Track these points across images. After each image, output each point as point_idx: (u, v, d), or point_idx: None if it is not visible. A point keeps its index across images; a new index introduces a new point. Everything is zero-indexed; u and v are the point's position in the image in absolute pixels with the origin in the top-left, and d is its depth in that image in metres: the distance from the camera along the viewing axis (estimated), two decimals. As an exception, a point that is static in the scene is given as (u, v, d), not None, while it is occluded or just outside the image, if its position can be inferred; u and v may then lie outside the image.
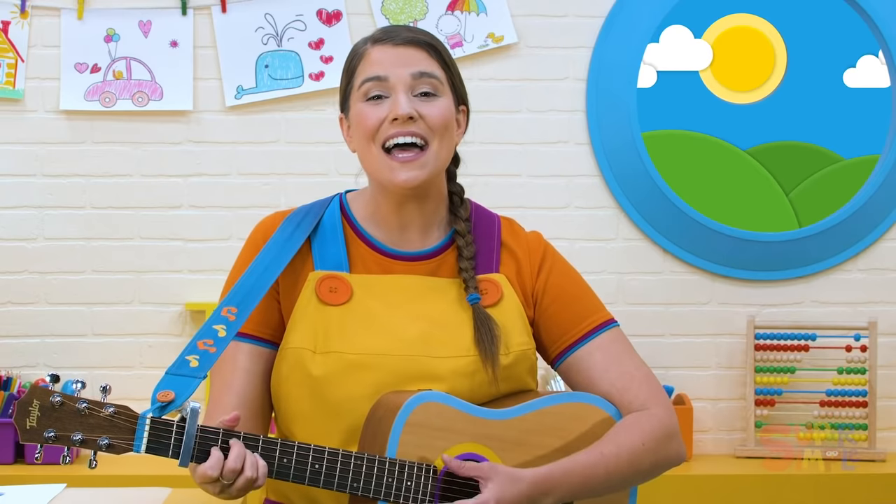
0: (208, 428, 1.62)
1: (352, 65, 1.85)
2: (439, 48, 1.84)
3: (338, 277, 1.81)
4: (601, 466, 1.74)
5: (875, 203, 3.60)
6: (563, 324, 1.87)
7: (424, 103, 1.79)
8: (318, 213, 1.88)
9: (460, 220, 1.88)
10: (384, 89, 1.79)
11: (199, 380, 1.67)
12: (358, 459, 1.66)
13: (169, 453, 1.60)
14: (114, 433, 1.59)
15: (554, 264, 1.91)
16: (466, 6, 3.55)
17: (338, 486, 1.66)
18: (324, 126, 3.54)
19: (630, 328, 3.54)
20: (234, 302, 1.77)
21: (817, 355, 3.60)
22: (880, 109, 3.61)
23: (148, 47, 3.51)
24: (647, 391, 1.83)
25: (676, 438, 1.83)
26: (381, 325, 1.78)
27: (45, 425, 1.57)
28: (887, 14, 3.57)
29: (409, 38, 1.82)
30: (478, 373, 1.78)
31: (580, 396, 1.83)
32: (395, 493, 1.67)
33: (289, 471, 1.65)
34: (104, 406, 1.59)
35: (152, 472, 3.25)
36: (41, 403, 1.57)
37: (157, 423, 1.60)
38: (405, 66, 1.79)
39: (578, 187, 3.60)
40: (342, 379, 1.74)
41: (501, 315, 1.83)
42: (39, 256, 3.53)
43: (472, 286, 1.83)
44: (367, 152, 1.81)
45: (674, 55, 3.60)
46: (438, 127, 1.79)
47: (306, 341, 1.76)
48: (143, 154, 3.54)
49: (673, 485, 3.33)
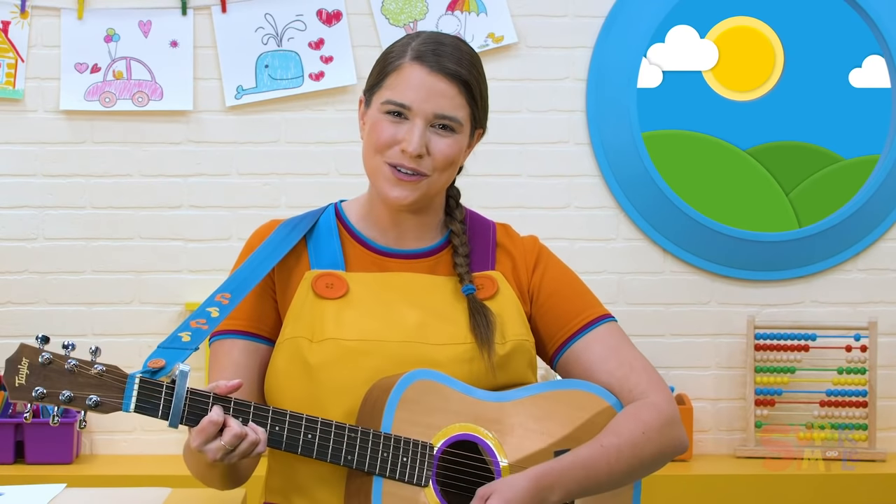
0: (199, 391, 1.62)
1: (386, 67, 1.83)
2: (472, 84, 1.83)
3: (334, 275, 1.82)
4: (603, 459, 1.74)
5: (875, 203, 3.60)
6: (560, 318, 1.88)
7: (438, 137, 1.80)
8: (314, 218, 1.90)
9: (456, 221, 1.90)
10: (406, 113, 1.80)
11: (190, 351, 1.67)
12: (352, 432, 1.66)
13: (158, 413, 1.60)
14: (103, 391, 1.59)
15: (549, 262, 1.93)
16: (466, 6, 3.55)
17: (332, 458, 1.66)
18: (324, 126, 3.54)
19: (630, 328, 3.53)
20: (229, 289, 1.78)
21: (817, 355, 3.60)
22: (882, 109, 3.61)
23: (148, 47, 3.51)
24: (646, 380, 1.84)
25: (677, 425, 1.83)
26: (378, 314, 1.79)
27: (34, 383, 1.57)
28: (888, 15, 3.57)
29: (448, 71, 1.80)
30: (475, 360, 1.79)
31: (578, 384, 1.84)
32: (391, 468, 1.67)
33: (281, 439, 1.65)
34: (93, 365, 1.60)
35: (152, 473, 3.26)
36: (30, 361, 1.58)
37: (147, 382, 1.60)
38: (431, 102, 1.79)
39: (578, 187, 3.60)
40: (339, 365, 1.75)
41: (497, 306, 1.85)
42: (39, 256, 3.53)
43: (468, 279, 1.85)
44: (371, 158, 1.83)
45: (680, 55, 3.59)
46: (443, 165, 1.81)
47: (302, 331, 1.77)
48: (143, 154, 3.54)
49: (673, 485, 3.33)
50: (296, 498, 1.79)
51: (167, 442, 3.52)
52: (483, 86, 1.86)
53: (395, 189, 1.80)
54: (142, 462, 3.44)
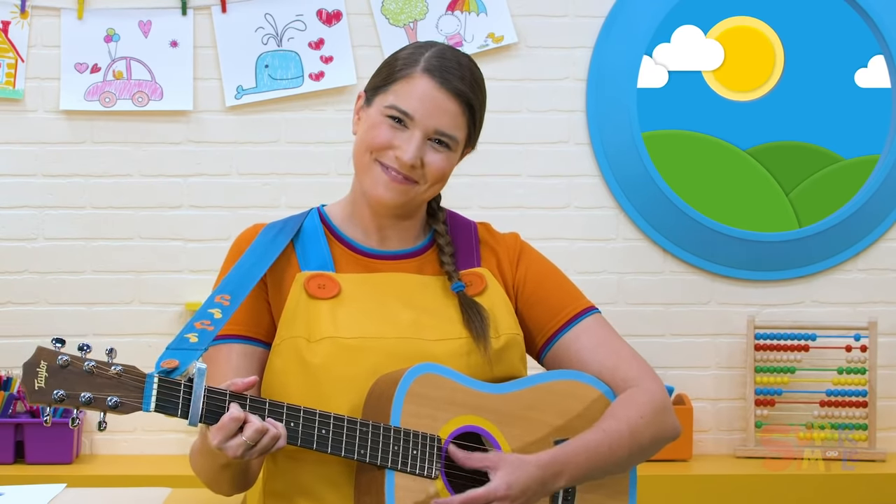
0: (216, 388, 1.62)
1: (395, 73, 1.84)
2: (476, 107, 1.85)
3: (325, 276, 1.84)
4: (605, 444, 1.78)
5: (875, 203, 3.60)
6: (547, 312, 1.91)
7: (433, 151, 1.82)
8: (298, 221, 1.91)
9: (439, 221, 1.93)
10: (407, 122, 1.81)
11: (200, 351, 1.67)
12: (363, 426, 1.68)
13: (178, 412, 1.60)
14: (122, 392, 1.58)
15: (532, 258, 1.96)
16: (466, 6, 3.55)
17: (345, 453, 1.67)
18: (324, 126, 3.54)
19: (630, 328, 3.55)
20: (227, 291, 1.79)
21: (817, 355, 3.60)
22: (883, 110, 3.61)
23: (148, 47, 3.51)
24: (636, 368, 1.88)
25: (670, 412, 1.87)
26: (373, 312, 1.81)
27: (53, 386, 1.56)
28: (888, 15, 3.57)
29: (456, 90, 1.81)
30: (472, 353, 1.81)
31: (572, 374, 1.87)
32: (402, 461, 1.68)
33: (297, 435, 1.65)
34: (111, 366, 1.59)
35: (152, 473, 3.26)
36: (48, 364, 1.56)
37: (165, 381, 1.60)
38: (435, 118, 1.80)
39: (578, 187, 3.60)
40: (338, 363, 1.76)
41: (488, 302, 1.87)
42: (39, 256, 3.53)
43: (456, 277, 1.87)
44: (362, 155, 1.84)
45: (685, 55, 3.59)
46: (435, 178, 1.83)
47: (300, 331, 1.78)
48: (143, 154, 3.54)
49: (673, 485, 3.33)
50: (300, 500, 1.79)
51: (167, 442, 3.52)
52: (484, 109, 1.88)
53: (382, 188, 1.81)
54: (142, 462, 3.44)
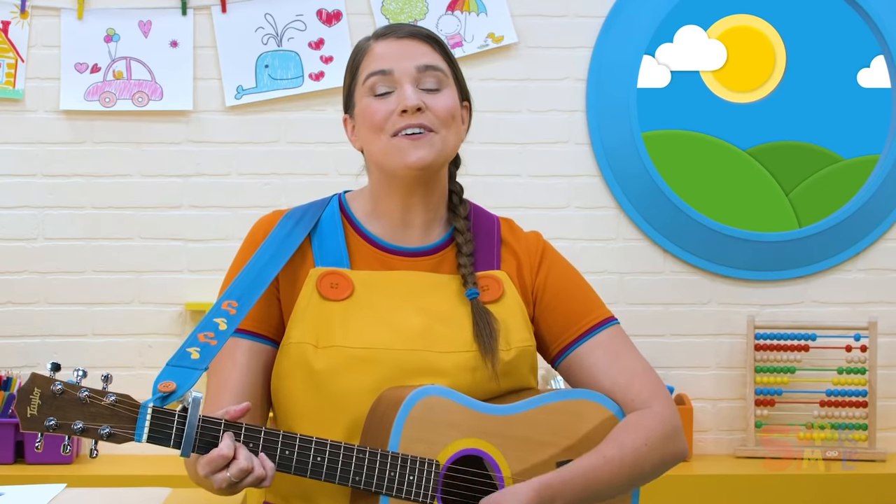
0: (210, 418, 1.60)
1: (355, 62, 1.85)
2: (442, 43, 1.86)
3: (339, 273, 1.81)
4: (605, 471, 1.74)
5: (875, 203, 3.60)
6: (564, 321, 1.87)
7: (430, 96, 1.80)
8: (318, 211, 1.88)
9: (460, 217, 1.88)
10: (390, 83, 1.80)
11: (201, 371, 1.66)
12: (360, 453, 1.65)
13: (171, 443, 1.59)
14: (115, 422, 1.58)
15: (553, 262, 1.91)
16: (466, 6, 3.55)
17: (340, 480, 1.65)
18: (324, 126, 3.54)
19: (630, 328, 3.53)
20: (235, 296, 1.76)
21: (817, 355, 3.60)
22: (883, 110, 3.61)
23: (148, 47, 3.51)
24: (649, 388, 1.83)
25: (679, 435, 1.82)
26: (384, 319, 1.78)
27: (46, 413, 1.55)
28: (888, 15, 3.57)
29: (413, 32, 1.83)
30: (479, 368, 1.78)
31: (582, 393, 1.82)
32: (398, 487, 1.66)
33: (291, 463, 1.63)
34: (105, 395, 1.58)
35: (152, 473, 3.26)
36: (42, 391, 1.56)
37: (159, 412, 1.58)
38: (410, 59, 1.80)
39: (578, 187, 3.60)
40: (345, 373, 1.73)
41: (503, 311, 1.83)
42: (39, 256, 3.53)
43: (471, 282, 1.83)
44: (374, 143, 1.81)
45: (688, 56, 3.59)
46: (446, 117, 1.80)
47: (308, 336, 1.76)
48: (143, 154, 3.54)
49: (673, 485, 3.32)
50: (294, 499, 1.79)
51: (167, 442, 3.52)
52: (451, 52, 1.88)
53: (412, 152, 1.78)
54: (142, 462, 3.44)
